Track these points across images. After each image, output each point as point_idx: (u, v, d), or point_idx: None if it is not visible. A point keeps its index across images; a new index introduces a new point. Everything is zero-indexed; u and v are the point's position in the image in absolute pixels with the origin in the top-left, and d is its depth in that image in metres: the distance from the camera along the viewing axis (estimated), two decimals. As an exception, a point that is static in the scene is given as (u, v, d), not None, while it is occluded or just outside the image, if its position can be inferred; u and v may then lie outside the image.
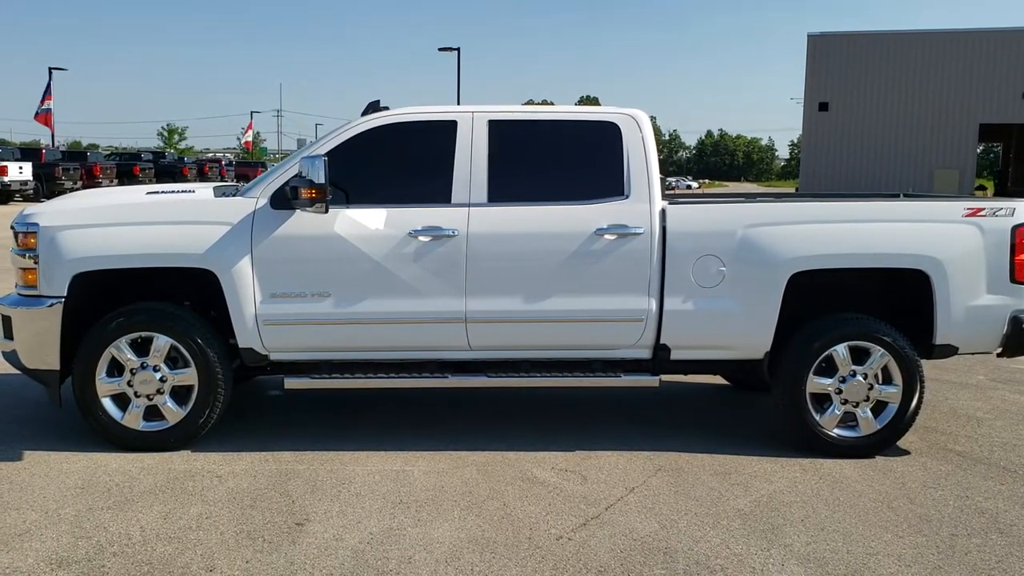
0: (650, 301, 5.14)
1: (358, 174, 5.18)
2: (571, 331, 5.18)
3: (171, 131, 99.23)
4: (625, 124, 5.28)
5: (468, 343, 5.17)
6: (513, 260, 5.11)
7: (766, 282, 5.09)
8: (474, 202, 5.13)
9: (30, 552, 3.83)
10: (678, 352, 5.23)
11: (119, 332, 5.03)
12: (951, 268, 5.10)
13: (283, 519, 4.21)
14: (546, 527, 4.16)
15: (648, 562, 3.83)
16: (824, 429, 5.16)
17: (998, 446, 5.51)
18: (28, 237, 5.05)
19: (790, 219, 5.18)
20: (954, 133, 34.68)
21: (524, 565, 3.78)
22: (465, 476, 4.81)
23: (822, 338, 5.12)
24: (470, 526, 4.16)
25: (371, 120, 5.28)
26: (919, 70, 34.70)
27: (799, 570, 3.77)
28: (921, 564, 3.85)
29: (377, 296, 5.07)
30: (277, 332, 5.08)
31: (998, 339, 5.25)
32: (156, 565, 3.73)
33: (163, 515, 4.23)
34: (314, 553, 3.86)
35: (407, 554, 3.86)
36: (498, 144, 5.21)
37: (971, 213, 5.17)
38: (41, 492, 4.50)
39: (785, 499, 4.55)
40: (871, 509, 4.44)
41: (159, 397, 5.10)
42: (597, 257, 5.09)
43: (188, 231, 5.03)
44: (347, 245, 5.04)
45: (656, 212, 5.14)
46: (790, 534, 4.13)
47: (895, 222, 5.20)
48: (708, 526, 4.21)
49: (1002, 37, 34.00)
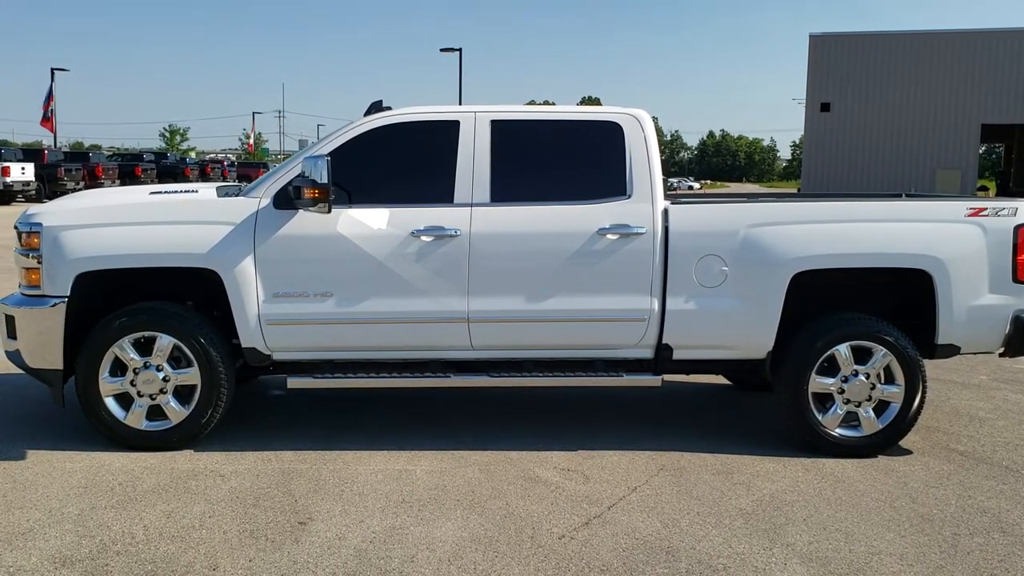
0: (652, 301, 5.14)
1: (361, 174, 5.19)
2: (573, 331, 5.18)
3: (173, 132, 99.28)
4: (627, 124, 5.29)
5: (470, 343, 5.18)
6: (515, 260, 5.12)
7: (768, 282, 5.09)
8: (476, 202, 5.13)
9: (34, 551, 3.84)
10: (680, 352, 5.24)
11: (122, 332, 5.04)
12: (953, 268, 5.10)
13: (286, 518, 4.22)
14: (549, 526, 4.17)
15: (650, 561, 3.83)
16: (826, 429, 5.17)
17: (1000, 446, 5.51)
18: (31, 237, 5.07)
19: (792, 219, 5.19)
20: (956, 133, 34.66)
21: (527, 564, 3.78)
22: (468, 475, 4.82)
23: (824, 338, 5.12)
24: (473, 525, 4.17)
25: (374, 120, 5.28)
26: (921, 70, 34.68)
27: (801, 569, 3.78)
28: (923, 563, 3.85)
29: (380, 296, 5.08)
30: (280, 332, 5.09)
31: (1000, 339, 5.25)
32: (159, 564, 3.74)
33: (166, 514, 4.24)
34: (317, 552, 3.87)
35: (410, 553, 3.87)
36: (500, 144, 5.21)
37: (973, 213, 5.18)
38: (44, 491, 4.51)
39: (787, 498, 4.55)
40: (873, 508, 4.44)
41: (162, 397, 5.11)
42: (599, 257, 5.10)
43: (191, 231, 5.04)
44: (350, 245, 5.04)
45: (658, 212, 5.15)
46: (792, 533, 4.13)
47: (897, 222, 5.20)
48: (710, 525, 4.21)
49: (1004, 37, 33.97)
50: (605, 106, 5.66)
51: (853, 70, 35.34)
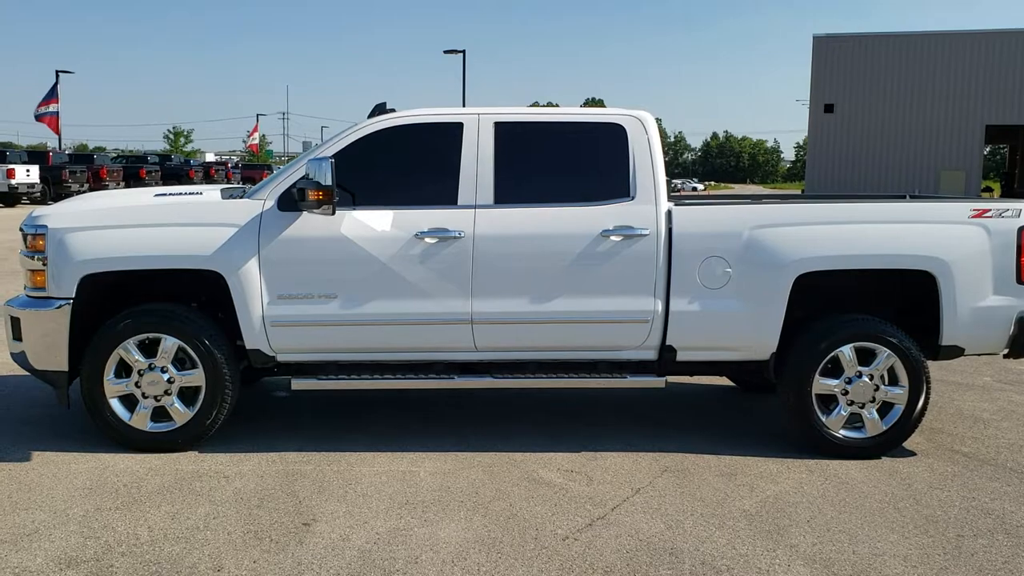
0: (656, 302, 5.14)
1: (365, 176, 5.20)
2: (577, 332, 5.19)
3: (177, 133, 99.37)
4: (631, 126, 5.29)
5: (474, 344, 5.19)
6: (519, 261, 5.12)
7: (772, 283, 5.09)
8: (480, 203, 5.14)
9: (39, 552, 3.86)
10: (684, 353, 5.24)
11: (127, 333, 5.06)
12: (957, 269, 5.10)
13: (290, 519, 4.23)
14: (552, 527, 4.17)
15: (654, 562, 3.83)
16: (830, 430, 5.16)
17: (1004, 447, 5.51)
18: (37, 239, 5.09)
19: (796, 220, 5.19)
20: (960, 134, 34.59)
21: (530, 565, 3.78)
22: (471, 477, 4.82)
23: (828, 339, 5.12)
24: (476, 526, 4.17)
25: (377, 122, 5.30)
26: (925, 71, 34.61)
27: (805, 571, 3.78)
28: (927, 565, 3.85)
29: (384, 297, 5.09)
30: (284, 333, 5.10)
31: (1004, 340, 5.24)
32: (164, 565, 3.75)
33: (171, 515, 4.25)
34: (321, 553, 3.87)
35: (414, 554, 3.87)
36: (504, 146, 5.22)
37: (977, 214, 5.17)
38: (49, 492, 4.53)
39: (791, 500, 4.55)
40: (877, 510, 4.44)
41: (166, 398, 5.12)
42: (603, 258, 5.10)
43: (195, 233, 5.05)
44: (354, 247, 5.06)
45: (662, 213, 5.15)
46: (796, 535, 4.13)
47: (901, 223, 5.20)
48: (714, 527, 4.21)
49: (1008, 38, 33.89)
50: (608, 108, 5.67)
51: (857, 71, 35.29)
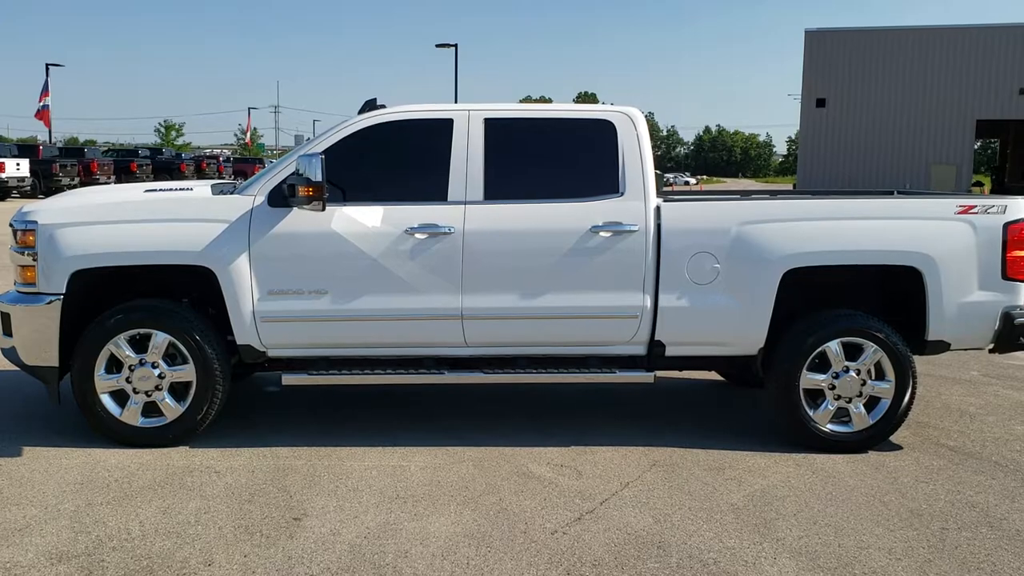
0: (645, 298, 5.17)
1: (355, 172, 5.22)
2: (567, 327, 5.22)
3: (168, 127, 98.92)
4: (620, 122, 5.32)
5: (464, 339, 5.21)
6: (509, 257, 5.14)
7: (760, 279, 5.13)
8: (470, 200, 5.16)
9: (30, 547, 3.87)
10: (673, 348, 5.28)
11: (118, 329, 5.07)
12: (943, 265, 5.14)
13: (281, 514, 4.25)
14: (541, 521, 4.21)
15: (642, 556, 3.87)
16: (817, 424, 5.21)
17: (990, 441, 5.56)
18: (27, 235, 5.09)
19: (783, 216, 5.22)
20: (951, 129, 34.74)
21: (519, 559, 3.82)
22: (461, 471, 4.85)
23: (815, 334, 5.16)
24: (466, 520, 4.20)
25: (368, 118, 5.31)
26: (916, 66, 34.74)
27: (791, 563, 3.82)
28: (912, 558, 3.89)
29: (374, 293, 5.11)
30: (275, 329, 5.12)
31: (990, 335, 5.29)
32: (155, 559, 3.77)
33: (162, 510, 4.27)
34: (311, 548, 3.90)
35: (404, 548, 3.90)
36: (494, 142, 5.24)
37: (963, 210, 5.22)
38: (40, 488, 4.54)
39: (778, 494, 4.60)
40: (863, 503, 4.48)
41: (157, 393, 5.13)
42: (592, 254, 5.13)
43: (186, 229, 5.06)
44: (344, 242, 5.07)
45: (651, 209, 5.18)
46: (782, 528, 4.18)
47: (888, 219, 5.24)
48: (701, 520, 4.25)
49: (999, 33, 34.04)
50: (598, 104, 5.70)
51: (849, 66, 35.40)
